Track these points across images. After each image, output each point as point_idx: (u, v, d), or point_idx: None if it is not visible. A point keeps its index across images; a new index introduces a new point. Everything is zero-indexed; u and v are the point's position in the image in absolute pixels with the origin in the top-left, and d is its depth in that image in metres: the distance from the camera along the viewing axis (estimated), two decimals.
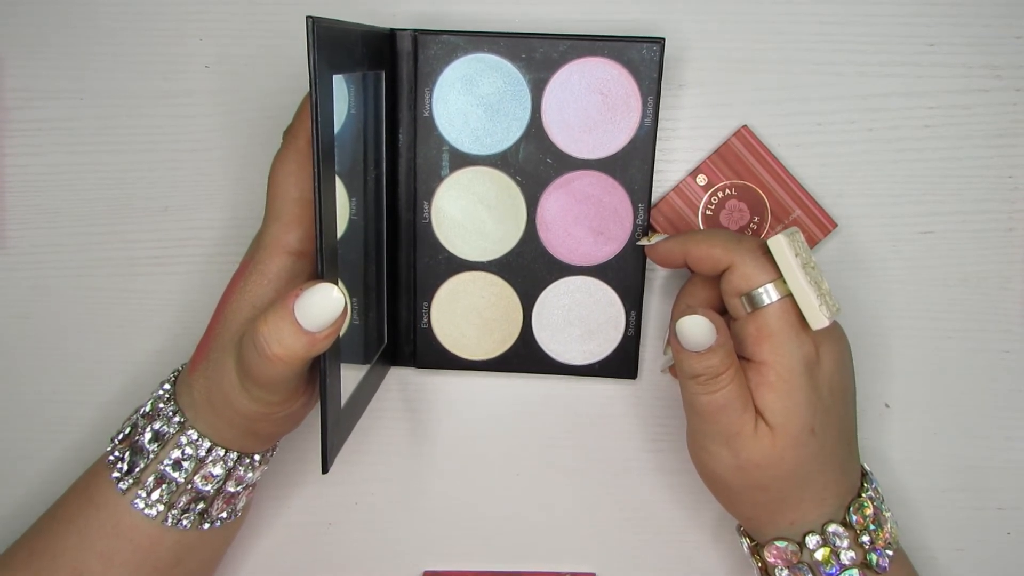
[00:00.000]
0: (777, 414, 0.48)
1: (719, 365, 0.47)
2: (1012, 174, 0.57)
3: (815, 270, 0.48)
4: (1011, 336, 0.59)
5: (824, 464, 0.49)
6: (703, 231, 0.51)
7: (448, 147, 0.55)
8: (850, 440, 0.51)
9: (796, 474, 0.49)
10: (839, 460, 0.50)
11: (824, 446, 0.49)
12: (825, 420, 0.49)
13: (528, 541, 0.61)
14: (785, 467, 0.49)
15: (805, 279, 0.47)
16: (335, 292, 0.43)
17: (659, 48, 0.53)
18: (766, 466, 0.49)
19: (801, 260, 0.47)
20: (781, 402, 0.48)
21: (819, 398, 0.49)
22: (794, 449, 0.48)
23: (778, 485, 0.49)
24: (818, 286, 0.48)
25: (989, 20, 0.56)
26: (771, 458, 0.48)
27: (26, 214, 0.59)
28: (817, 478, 0.49)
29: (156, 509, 0.49)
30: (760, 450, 0.48)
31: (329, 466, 0.46)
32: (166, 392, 0.51)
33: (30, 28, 0.57)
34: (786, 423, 0.48)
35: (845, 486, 0.50)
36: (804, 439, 0.48)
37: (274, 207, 0.47)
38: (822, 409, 0.49)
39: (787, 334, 0.48)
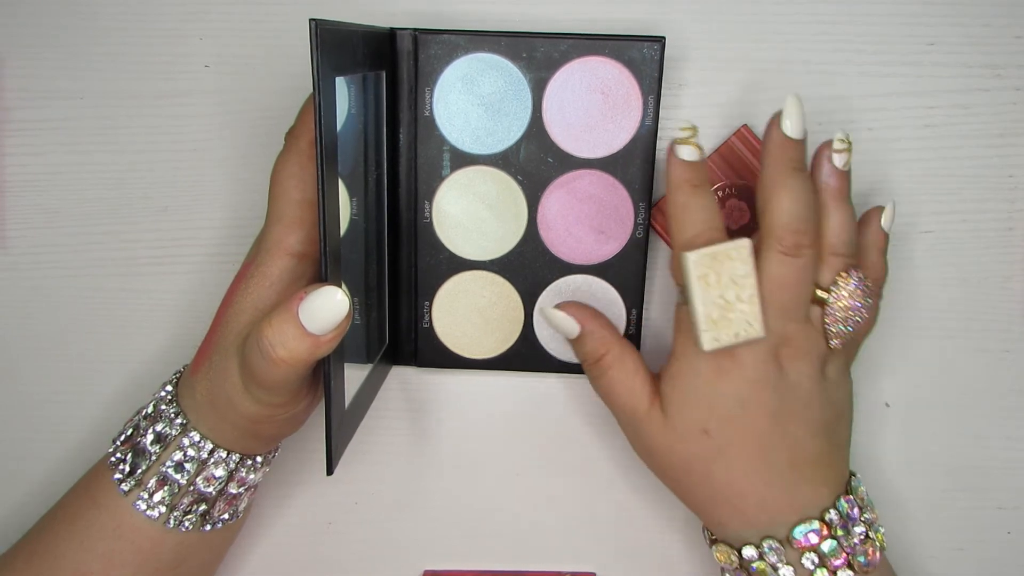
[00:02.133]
0: (671, 404, 0.50)
1: (593, 351, 0.52)
2: (1012, 174, 0.57)
3: (737, 289, 0.48)
4: (1011, 336, 0.59)
5: (732, 472, 0.49)
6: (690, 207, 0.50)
7: (449, 147, 0.55)
8: (797, 463, 0.49)
9: (692, 470, 0.50)
10: (766, 476, 0.49)
11: (724, 453, 0.49)
12: (727, 428, 0.49)
13: (528, 541, 0.61)
14: (676, 459, 0.51)
15: (702, 300, 0.47)
16: (339, 295, 0.43)
17: (660, 47, 0.53)
18: (659, 453, 0.51)
19: (713, 280, 0.47)
20: (676, 393, 0.50)
21: (723, 404, 0.49)
22: (683, 444, 0.50)
23: (679, 477, 0.51)
24: (724, 310, 0.48)
25: (989, 20, 0.56)
26: (661, 446, 0.51)
27: (26, 214, 0.59)
28: (727, 485, 0.50)
29: (158, 511, 0.49)
30: (652, 435, 0.51)
31: (334, 467, 0.46)
32: (168, 394, 0.51)
33: (30, 28, 0.57)
34: (676, 415, 0.50)
35: (787, 507, 0.49)
36: (694, 437, 0.49)
37: (276, 208, 0.47)
38: (724, 416, 0.49)
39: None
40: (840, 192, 0.50)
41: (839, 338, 0.49)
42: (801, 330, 0.49)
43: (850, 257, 0.50)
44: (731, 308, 0.47)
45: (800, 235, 0.48)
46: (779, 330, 0.49)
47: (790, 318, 0.49)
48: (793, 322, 0.49)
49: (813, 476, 0.50)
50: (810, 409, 0.49)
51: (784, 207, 0.48)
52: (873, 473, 0.60)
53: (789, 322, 0.49)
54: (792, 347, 0.49)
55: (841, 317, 0.49)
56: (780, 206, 0.48)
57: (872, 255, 0.52)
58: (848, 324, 0.49)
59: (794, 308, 0.49)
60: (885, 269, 0.52)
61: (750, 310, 0.48)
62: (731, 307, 0.47)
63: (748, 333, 0.48)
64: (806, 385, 0.49)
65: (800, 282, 0.48)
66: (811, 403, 0.49)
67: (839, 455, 0.51)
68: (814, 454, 0.50)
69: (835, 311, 0.49)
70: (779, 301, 0.48)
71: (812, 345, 0.49)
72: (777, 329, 0.48)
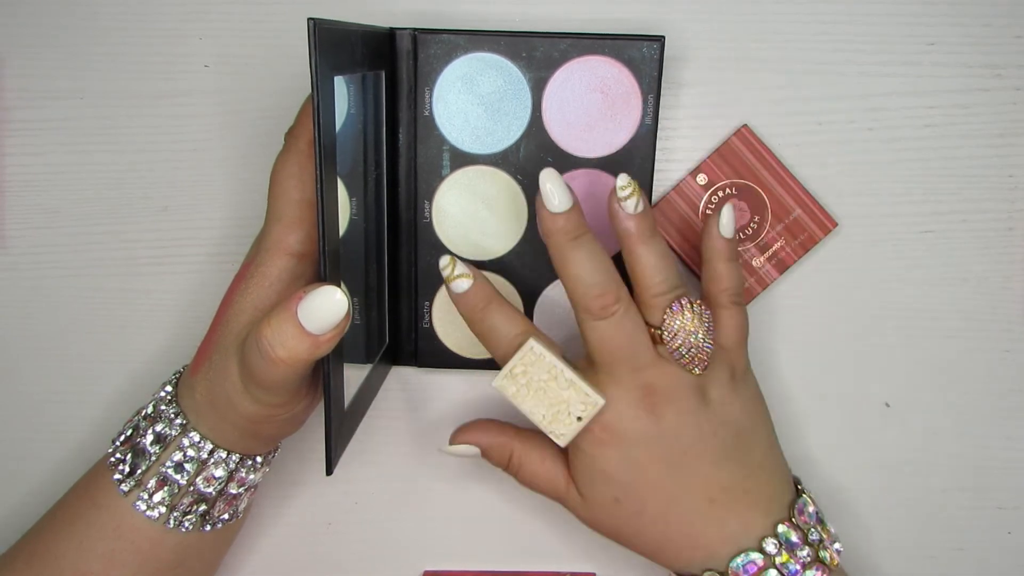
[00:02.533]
0: (581, 486, 0.51)
1: (499, 461, 0.54)
2: (1012, 174, 0.57)
3: (551, 383, 0.49)
4: (1011, 336, 0.59)
5: (656, 526, 0.50)
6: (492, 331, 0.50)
7: (448, 146, 0.55)
8: (714, 497, 0.50)
9: (622, 533, 0.52)
10: (688, 518, 0.50)
11: (642, 513, 0.50)
12: (633, 492, 0.50)
13: (528, 541, 0.61)
14: (605, 528, 0.52)
15: (531, 412, 0.49)
16: (338, 294, 0.43)
17: (659, 46, 0.53)
18: (590, 524, 0.53)
19: (525, 392, 0.49)
20: (579, 476, 0.51)
21: (619, 472, 0.50)
22: (604, 515, 0.51)
23: (617, 538, 0.52)
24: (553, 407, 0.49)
25: (989, 19, 0.56)
26: (589, 520, 0.52)
27: (26, 214, 0.59)
28: (658, 537, 0.51)
29: (158, 511, 0.49)
30: (577, 511, 0.53)
31: (333, 468, 0.45)
32: (168, 394, 0.51)
33: (30, 28, 0.57)
34: (588, 494, 0.51)
35: (718, 540, 0.50)
36: (610, 507, 0.51)
37: (275, 208, 0.47)
38: (625, 483, 0.50)
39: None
40: (641, 233, 0.49)
41: (698, 364, 0.49)
42: (657, 373, 0.49)
43: (672, 292, 0.49)
44: (558, 401, 0.48)
45: (602, 296, 0.48)
46: (634, 383, 0.49)
47: (638, 367, 0.49)
48: (643, 369, 0.49)
49: (738, 505, 0.50)
50: (703, 442, 0.49)
51: (575, 277, 0.49)
52: (873, 474, 0.60)
53: (639, 371, 0.49)
54: (656, 393, 0.49)
55: (686, 350, 0.49)
56: (571, 277, 0.49)
57: (719, 266, 0.51)
58: (698, 350, 0.49)
59: (636, 358, 0.49)
60: (734, 275, 0.51)
61: (575, 392, 0.48)
62: (557, 400, 0.49)
63: (589, 409, 0.48)
64: (686, 421, 0.49)
65: (627, 334, 0.49)
66: (701, 436, 0.49)
67: (762, 475, 0.51)
68: (728, 483, 0.50)
69: (676, 346, 0.49)
70: (617, 359, 0.49)
71: (676, 381, 0.49)
72: (632, 383, 0.49)
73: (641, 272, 0.49)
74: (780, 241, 0.57)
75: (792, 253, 0.57)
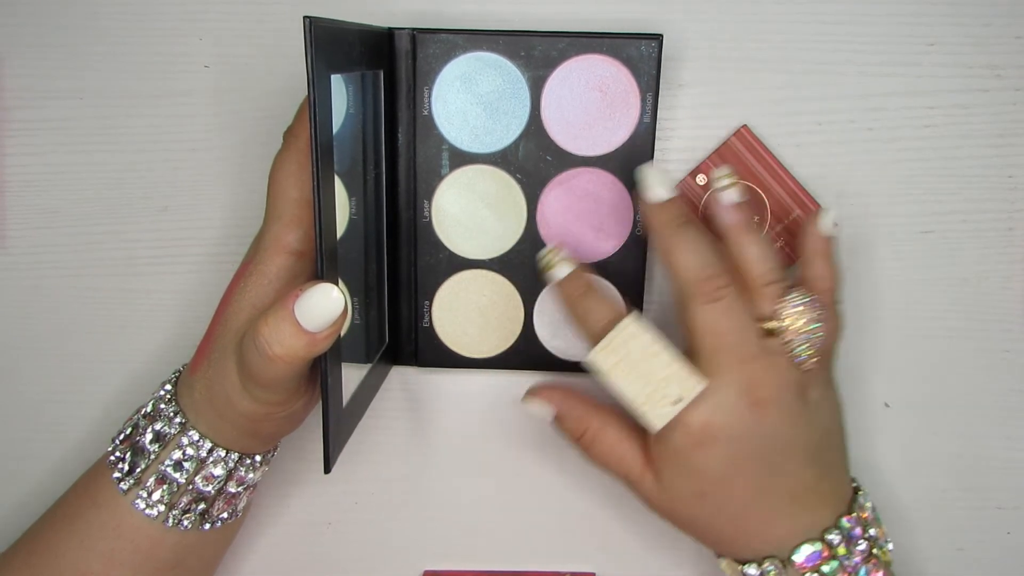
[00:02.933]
0: (662, 476, 0.50)
1: (572, 431, 0.52)
2: (1012, 174, 0.57)
3: (653, 359, 0.47)
4: (1011, 336, 0.59)
5: (734, 520, 0.49)
6: (587, 313, 0.50)
7: (448, 146, 0.55)
8: (797, 495, 0.49)
9: (695, 524, 0.51)
10: (767, 515, 0.49)
11: (724, 507, 0.49)
12: (722, 488, 0.49)
13: (528, 541, 0.61)
14: (677, 517, 0.51)
15: (626, 389, 0.48)
16: (335, 292, 0.43)
17: (657, 45, 0.53)
18: (660, 511, 0.51)
19: (624, 366, 0.47)
20: (665, 468, 0.49)
21: (712, 469, 0.48)
22: (682, 505, 0.50)
23: (683, 527, 0.51)
24: (652, 386, 0.47)
25: (989, 20, 0.56)
26: (661, 507, 0.51)
27: (26, 214, 0.59)
28: (731, 529, 0.50)
29: (157, 509, 0.49)
30: (649, 498, 0.51)
31: (331, 466, 0.46)
32: (167, 393, 0.51)
33: (30, 28, 0.57)
34: (670, 485, 0.50)
35: (788, 534, 0.49)
36: (692, 500, 0.49)
37: (274, 207, 0.47)
38: (717, 479, 0.48)
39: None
40: (743, 224, 0.49)
41: (811, 359, 0.48)
42: (763, 367, 0.48)
43: (782, 280, 0.49)
44: (656, 380, 0.47)
45: (713, 279, 0.48)
46: (739, 375, 0.47)
47: (744, 359, 0.47)
48: (750, 362, 0.48)
49: (813, 502, 0.50)
50: (798, 442, 0.49)
51: (684, 261, 0.48)
52: (873, 474, 0.60)
53: (745, 363, 0.47)
54: (760, 388, 0.48)
55: (801, 340, 0.48)
56: (680, 262, 0.48)
57: (817, 265, 0.51)
58: (811, 344, 0.48)
59: (742, 348, 0.48)
60: (835, 274, 0.51)
61: (677, 370, 0.47)
62: (655, 379, 0.47)
63: (689, 391, 0.47)
64: (789, 420, 0.48)
65: (736, 320, 0.48)
66: (797, 436, 0.49)
67: (837, 472, 0.51)
68: (811, 482, 0.49)
69: (791, 337, 0.48)
70: (724, 347, 0.48)
71: (782, 378, 0.48)
72: (737, 375, 0.47)
73: (749, 260, 0.49)
74: (780, 241, 0.57)
75: (792, 253, 0.57)
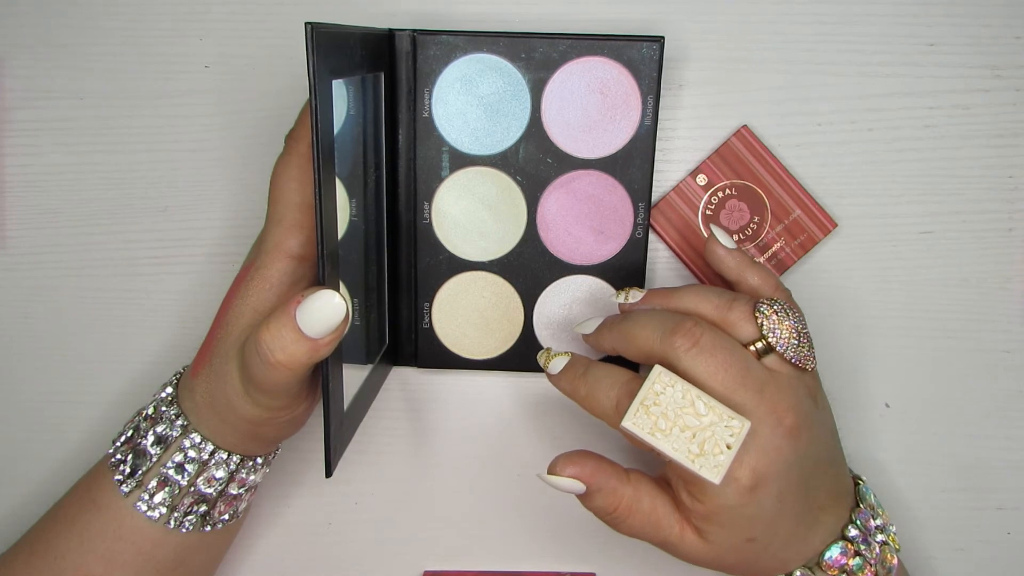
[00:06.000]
0: (710, 534, 0.47)
1: (604, 508, 0.48)
2: (1012, 174, 0.57)
3: (690, 409, 0.44)
4: (1011, 336, 0.59)
5: (777, 549, 0.48)
6: (593, 390, 0.48)
7: (448, 147, 0.55)
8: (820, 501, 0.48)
9: (739, 565, 0.49)
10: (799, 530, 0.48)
11: (773, 543, 0.48)
12: (771, 527, 0.47)
13: (528, 541, 0.61)
14: (724, 564, 0.49)
15: (674, 449, 0.44)
16: (336, 298, 0.43)
17: (659, 47, 0.53)
18: (704, 564, 0.49)
19: (664, 424, 0.44)
20: (715, 527, 0.47)
21: (763, 512, 0.46)
22: (731, 554, 0.48)
23: (733, 570, 0.50)
24: (699, 440, 0.44)
25: (989, 20, 0.56)
26: (706, 560, 0.49)
27: (26, 214, 0.59)
28: (771, 557, 0.49)
29: (158, 512, 0.49)
30: (693, 554, 0.49)
31: (333, 470, 0.46)
32: (168, 395, 0.51)
33: (30, 28, 0.57)
34: (718, 540, 0.47)
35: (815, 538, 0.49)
36: (741, 547, 0.48)
37: (276, 211, 0.47)
38: (767, 520, 0.47)
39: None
40: (668, 291, 0.50)
41: (809, 359, 0.48)
42: (778, 390, 0.46)
43: (741, 297, 0.48)
44: (702, 431, 0.44)
45: (680, 325, 0.46)
46: (764, 408, 0.46)
47: (759, 389, 0.46)
48: (764, 390, 0.46)
49: (832, 504, 0.49)
50: (824, 451, 0.48)
51: (642, 334, 0.48)
52: (873, 473, 0.60)
53: (762, 393, 0.46)
54: (787, 414, 0.46)
55: (793, 342, 0.47)
56: (639, 338, 0.48)
57: (750, 275, 0.51)
58: (803, 340, 0.47)
59: (750, 378, 0.46)
60: (770, 278, 0.51)
61: (718, 416, 0.44)
62: (701, 430, 0.44)
63: (736, 434, 0.44)
64: (814, 433, 0.47)
65: (728, 353, 0.46)
66: (824, 446, 0.48)
67: (842, 466, 0.51)
68: (832, 485, 0.49)
69: (785, 345, 0.47)
70: (734, 384, 0.45)
71: (797, 394, 0.47)
72: (761, 408, 0.46)
73: (698, 301, 0.49)
74: (780, 242, 0.57)
75: (792, 254, 0.57)
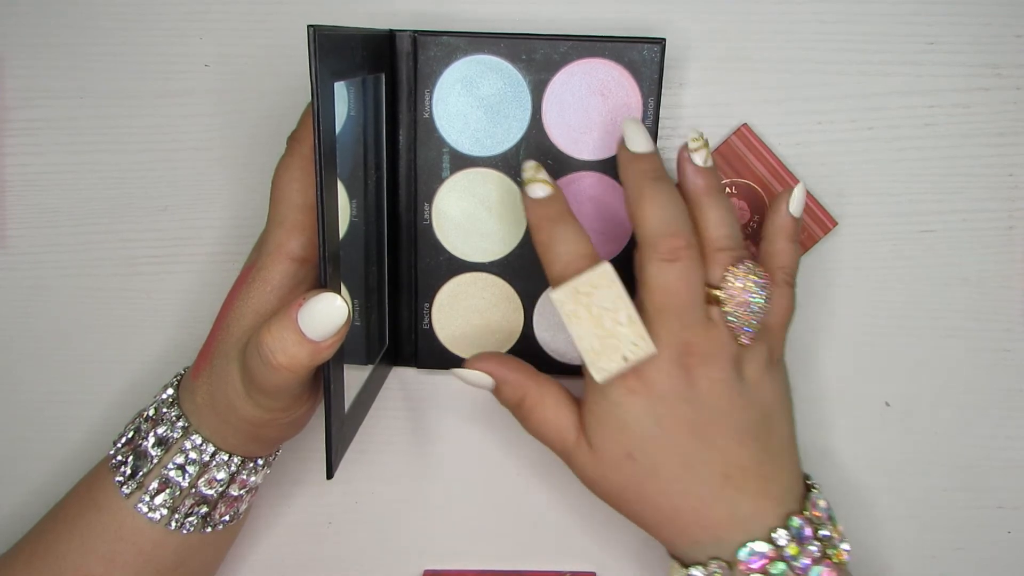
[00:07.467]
0: (593, 435, 0.49)
1: (511, 398, 0.51)
2: (1012, 173, 0.57)
3: (612, 314, 0.46)
4: (1011, 336, 0.59)
5: (664, 492, 0.48)
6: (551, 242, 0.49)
7: (448, 149, 0.55)
8: (730, 475, 0.48)
9: (627, 495, 0.50)
10: (698, 491, 0.48)
11: (653, 474, 0.48)
12: (650, 449, 0.48)
13: (528, 541, 0.62)
14: (611, 487, 0.50)
15: (579, 336, 0.47)
16: (338, 301, 0.43)
17: (660, 49, 0.53)
18: (594, 482, 0.50)
19: (584, 313, 0.46)
20: (595, 424, 0.49)
21: (640, 426, 0.48)
22: (613, 471, 0.49)
23: (619, 503, 0.50)
24: (604, 339, 0.46)
25: (989, 19, 0.56)
26: (595, 476, 0.50)
27: (26, 214, 0.59)
28: (663, 505, 0.49)
29: (159, 513, 0.49)
30: (584, 466, 0.50)
31: (334, 471, 0.46)
32: (169, 396, 0.51)
33: (30, 28, 0.57)
34: (600, 445, 0.49)
35: (727, 522, 0.48)
36: (621, 463, 0.49)
37: (277, 213, 0.47)
38: (644, 437, 0.48)
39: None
40: (709, 188, 0.49)
41: (747, 334, 0.48)
42: (702, 334, 0.48)
43: (735, 250, 0.49)
44: (611, 334, 0.46)
45: (673, 238, 0.47)
46: (678, 338, 0.47)
47: (686, 324, 0.47)
48: (691, 327, 0.47)
49: (752, 488, 0.48)
50: (731, 416, 0.48)
51: (650, 215, 0.48)
52: (873, 474, 0.60)
53: (686, 328, 0.47)
54: (696, 354, 0.47)
55: (740, 313, 0.48)
56: (646, 215, 0.48)
57: (779, 242, 0.51)
58: (750, 318, 0.48)
59: (687, 313, 0.47)
60: (793, 255, 0.51)
61: (631, 331, 0.46)
62: (611, 333, 0.46)
63: (636, 353, 0.46)
64: (720, 391, 0.48)
65: (687, 286, 0.47)
66: (730, 409, 0.48)
67: (781, 462, 0.50)
68: (747, 463, 0.48)
69: (731, 307, 0.48)
70: (670, 309, 0.47)
71: (718, 348, 0.48)
72: (676, 338, 0.47)
73: (706, 225, 0.49)
74: None
75: None
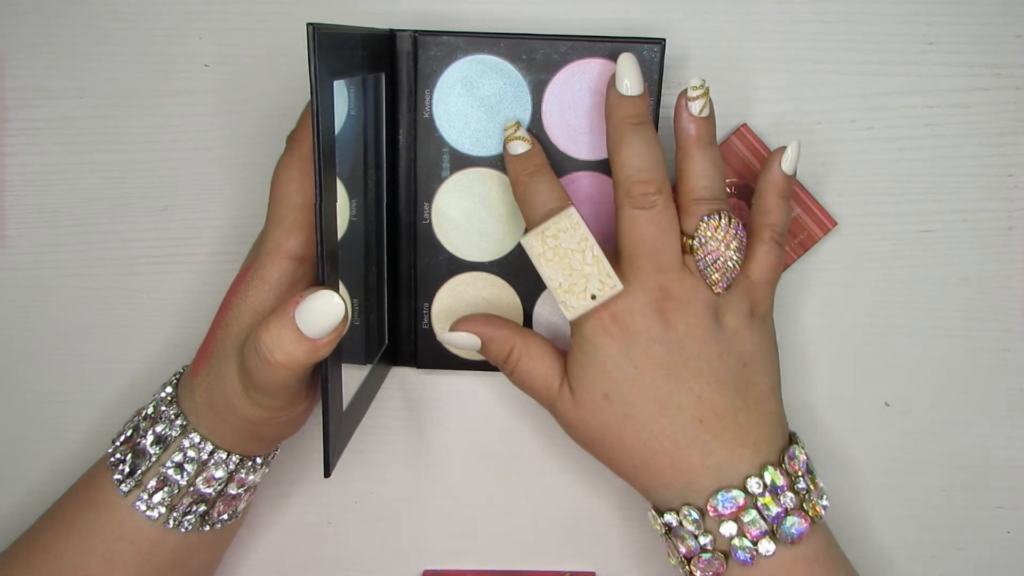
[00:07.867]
0: (573, 378, 0.50)
1: (499, 353, 0.53)
2: (1012, 173, 0.57)
3: (579, 255, 0.49)
4: (1011, 336, 0.59)
5: (640, 434, 0.49)
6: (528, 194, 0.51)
7: (448, 148, 0.55)
8: (705, 419, 0.48)
9: (606, 439, 0.50)
10: (672, 433, 0.49)
11: (629, 415, 0.49)
12: (625, 390, 0.49)
13: (528, 541, 0.62)
14: (590, 431, 0.51)
15: (548, 276, 0.49)
16: (336, 299, 0.43)
17: (660, 49, 0.53)
18: (575, 428, 0.51)
19: (552, 255, 0.49)
20: (575, 366, 0.50)
21: (615, 367, 0.49)
22: (591, 414, 0.50)
23: (598, 448, 0.51)
24: (572, 278, 0.49)
25: (989, 18, 0.56)
26: (575, 421, 0.51)
27: (26, 214, 0.59)
28: (639, 448, 0.49)
29: (158, 511, 0.49)
30: (566, 412, 0.51)
31: (332, 470, 0.46)
32: (168, 395, 0.51)
33: (30, 28, 0.57)
34: (579, 387, 0.50)
35: (701, 467, 0.48)
36: (598, 405, 0.50)
37: (276, 212, 0.47)
38: (619, 379, 0.49)
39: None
40: (699, 139, 0.49)
41: (720, 283, 0.49)
42: (677, 280, 0.49)
43: (712, 201, 0.49)
44: (579, 274, 0.49)
45: (645, 184, 0.48)
46: (654, 282, 0.49)
47: (662, 269, 0.48)
48: (667, 272, 0.48)
49: (727, 435, 0.49)
50: (707, 361, 0.49)
51: (625, 160, 0.49)
52: (874, 474, 0.60)
53: (662, 273, 0.48)
54: (673, 299, 0.48)
55: (711, 262, 0.48)
56: (621, 160, 0.49)
57: (769, 198, 0.51)
58: (723, 269, 0.48)
59: (660, 258, 0.48)
60: (783, 213, 0.51)
61: (598, 269, 0.48)
62: (578, 273, 0.49)
63: (604, 291, 0.48)
64: (697, 335, 0.49)
65: (659, 231, 0.48)
66: (706, 355, 0.49)
67: (757, 413, 0.50)
68: (722, 409, 0.49)
69: (703, 256, 0.48)
70: (643, 253, 0.48)
71: (693, 294, 0.49)
72: (652, 281, 0.48)
73: (688, 175, 0.49)
74: None
75: (791, 252, 0.57)
